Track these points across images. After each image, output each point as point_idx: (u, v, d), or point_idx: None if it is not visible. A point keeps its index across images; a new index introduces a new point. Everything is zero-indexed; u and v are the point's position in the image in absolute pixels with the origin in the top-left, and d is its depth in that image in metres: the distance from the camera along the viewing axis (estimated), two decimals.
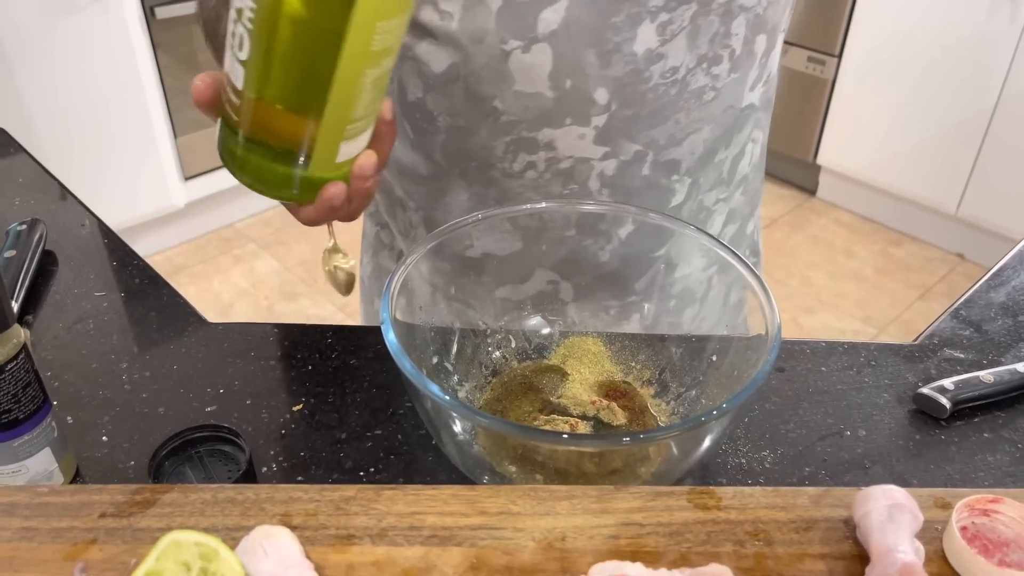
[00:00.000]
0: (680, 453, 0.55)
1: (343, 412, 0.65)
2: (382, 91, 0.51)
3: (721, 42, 0.65)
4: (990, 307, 0.78)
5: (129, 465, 0.61)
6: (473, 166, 0.71)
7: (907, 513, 0.43)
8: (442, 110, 0.68)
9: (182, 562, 0.40)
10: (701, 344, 0.67)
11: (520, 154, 0.68)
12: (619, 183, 0.70)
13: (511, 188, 0.71)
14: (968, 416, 0.66)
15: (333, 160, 0.52)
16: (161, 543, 0.40)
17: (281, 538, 0.42)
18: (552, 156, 0.68)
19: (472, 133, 0.68)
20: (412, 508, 0.46)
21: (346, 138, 0.51)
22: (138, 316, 0.75)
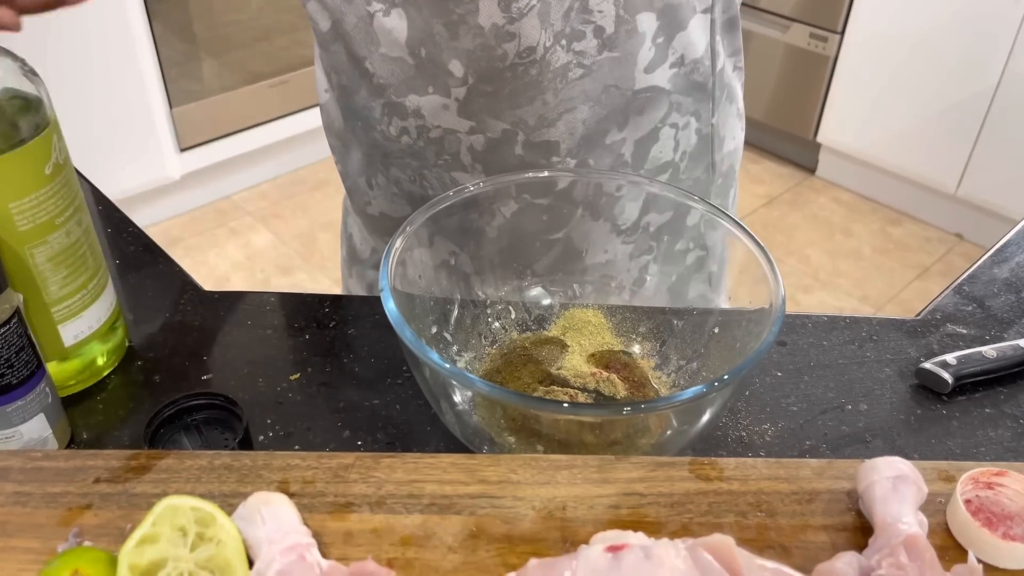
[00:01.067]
0: (680, 425, 0.54)
1: (340, 381, 0.64)
2: None
3: (579, 17, 0.62)
4: (993, 283, 0.78)
5: (125, 433, 0.60)
6: (359, 126, 0.73)
7: (911, 485, 0.43)
8: (331, 68, 0.71)
9: (178, 527, 0.39)
10: (703, 317, 0.66)
11: (394, 118, 0.69)
12: (491, 159, 0.69)
13: (392, 151, 0.72)
14: (970, 391, 0.66)
15: None
16: (157, 508, 0.40)
17: (278, 504, 0.41)
18: (422, 124, 0.69)
19: (355, 92, 0.70)
20: (411, 476, 0.46)
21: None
22: (133, 284, 0.74)
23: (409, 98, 0.67)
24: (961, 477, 0.45)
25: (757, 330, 0.55)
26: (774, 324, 0.51)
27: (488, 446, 0.55)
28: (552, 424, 0.54)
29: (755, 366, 0.49)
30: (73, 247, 0.56)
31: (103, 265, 0.61)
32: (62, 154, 0.54)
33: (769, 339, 0.50)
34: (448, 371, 0.48)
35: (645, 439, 0.55)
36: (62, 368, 0.59)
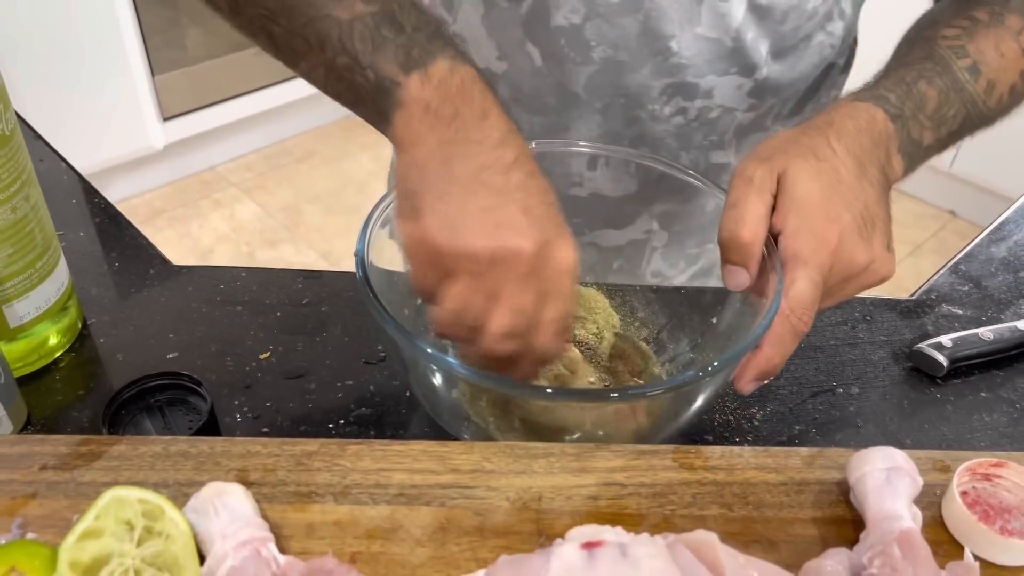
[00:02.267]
0: (670, 413, 0.52)
1: (312, 361, 0.62)
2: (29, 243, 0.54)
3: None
4: (990, 262, 0.75)
5: (84, 414, 0.57)
6: (620, 103, 0.68)
7: (906, 477, 0.41)
8: (604, 41, 0.65)
9: (124, 521, 0.37)
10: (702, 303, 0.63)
11: (676, 98, 0.67)
12: (747, 135, 0.71)
13: (652, 131, 0.69)
14: (965, 374, 0.63)
15: None
16: (101, 500, 0.37)
17: (234, 495, 0.39)
18: (706, 105, 0.68)
19: (632, 70, 0.66)
20: (378, 464, 0.43)
21: None
22: (98, 257, 0.71)
23: (707, 78, 0.66)
24: (957, 468, 0.43)
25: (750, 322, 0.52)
26: (767, 315, 0.48)
27: (467, 428, 0.52)
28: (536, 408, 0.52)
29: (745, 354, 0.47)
30: (19, 224, 0.53)
31: (54, 242, 0.58)
32: (8, 125, 0.51)
33: (758, 332, 0.47)
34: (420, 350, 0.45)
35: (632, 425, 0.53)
36: (10, 349, 0.56)
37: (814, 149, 0.50)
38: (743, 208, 0.48)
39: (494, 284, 0.42)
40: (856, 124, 0.52)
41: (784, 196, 0.49)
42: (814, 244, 0.47)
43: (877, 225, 0.50)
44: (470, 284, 0.42)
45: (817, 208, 0.48)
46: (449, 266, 0.42)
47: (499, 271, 0.41)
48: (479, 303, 0.42)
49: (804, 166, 0.49)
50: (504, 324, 0.42)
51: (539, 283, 0.42)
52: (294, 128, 2.64)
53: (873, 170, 0.52)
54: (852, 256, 0.48)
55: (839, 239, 0.48)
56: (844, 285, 0.50)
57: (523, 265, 0.41)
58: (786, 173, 0.49)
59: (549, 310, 0.43)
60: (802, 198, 0.48)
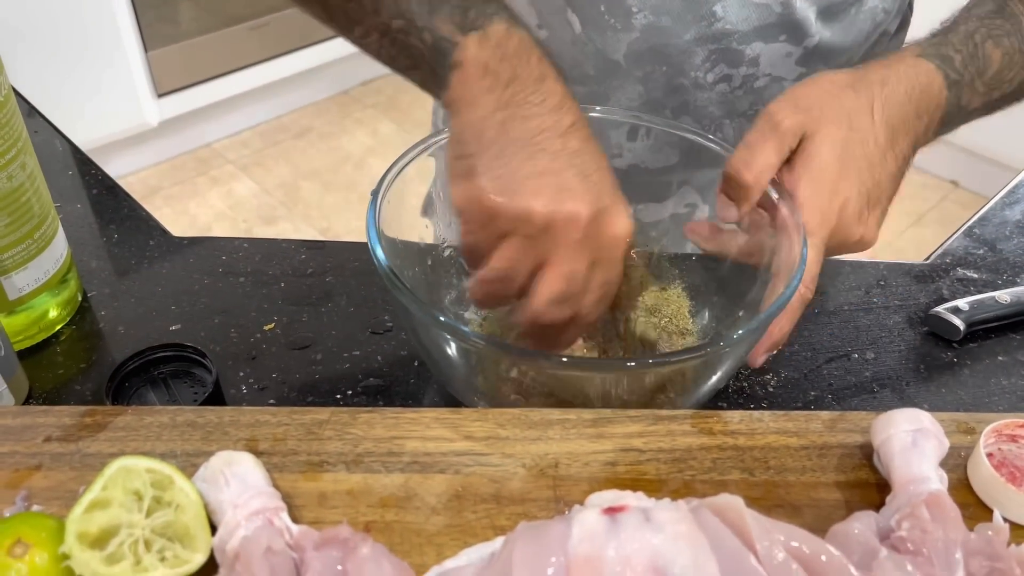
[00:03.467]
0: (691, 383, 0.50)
1: (318, 332, 0.61)
2: None
3: None
4: (1005, 225, 0.74)
5: (87, 387, 0.56)
6: (662, 71, 0.67)
7: (932, 439, 0.40)
8: (647, 6, 0.64)
9: (132, 491, 0.36)
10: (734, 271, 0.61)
11: (720, 65, 0.66)
12: None
13: (695, 100, 0.68)
14: (982, 338, 0.62)
15: None
16: (108, 469, 0.36)
17: (244, 464, 0.37)
18: (752, 73, 0.66)
19: (675, 36, 0.65)
20: (391, 432, 0.42)
21: None
22: (96, 229, 0.69)
23: (752, 45, 0.65)
24: (983, 430, 0.42)
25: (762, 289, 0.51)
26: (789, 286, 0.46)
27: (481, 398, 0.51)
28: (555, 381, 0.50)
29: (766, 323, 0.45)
30: (15, 193, 0.51)
31: (51, 212, 0.57)
32: (2, 90, 0.49)
33: (780, 302, 0.45)
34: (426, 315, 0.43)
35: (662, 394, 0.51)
36: (10, 322, 0.55)
37: (852, 115, 0.49)
38: (756, 152, 0.48)
39: (546, 248, 0.41)
40: (908, 90, 0.51)
41: (801, 159, 0.49)
42: (819, 219, 0.49)
43: (880, 202, 0.51)
44: (522, 246, 0.41)
45: (828, 183, 0.49)
46: (502, 227, 0.41)
47: (553, 235, 0.41)
48: (528, 266, 0.42)
49: (833, 134, 0.49)
50: (555, 289, 0.42)
51: (592, 250, 0.42)
52: (290, 104, 2.61)
53: (904, 143, 0.52)
54: (847, 232, 0.50)
55: (839, 217, 0.49)
56: (830, 252, 0.51)
57: (578, 231, 0.41)
58: (813, 136, 0.49)
59: (598, 276, 0.43)
60: (818, 169, 0.49)
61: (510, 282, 0.42)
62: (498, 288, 0.43)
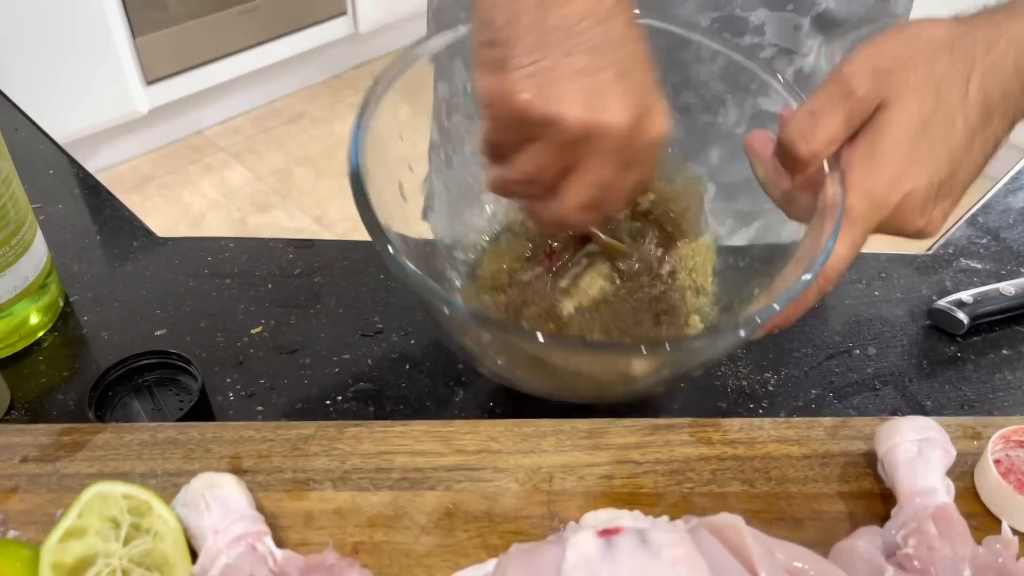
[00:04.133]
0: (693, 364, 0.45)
1: (306, 335, 0.59)
2: None
3: None
4: (1008, 213, 0.72)
5: (70, 397, 0.55)
6: (662, 44, 0.63)
7: (938, 448, 0.38)
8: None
9: (109, 518, 0.34)
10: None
11: (723, 35, 0.61)
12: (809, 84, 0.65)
13: (696, 75, 0.63)
14: (986, 331, 0.61)
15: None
16: (84, 496, 0.35)
17: (226, 487, 0.36)
18: (757, 43, 0.62)
19: (675, 5, 0.61)
20: (379, 447, 0.41)
21: None
22: (79, 230, 0.68)
23: (757, 12, 0.61)
24: (991, 436, 0.40)
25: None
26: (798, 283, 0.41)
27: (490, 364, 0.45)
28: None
29: None
30: None
31: (29, 217, 0.55)
32: None
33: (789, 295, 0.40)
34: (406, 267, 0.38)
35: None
36: None
37: (942, 85, 0.42)
38: (820, 123, 0.41)
39: (578, 155, 0.38)
40: (1018, 59, 0.43)
41: (868, 134, 0.42)
42: (870, 207, 0.42)
43: (953, 193, 0.43)
44: (552, 152, 0.38)
45: (892, 168, 0.42)
46: (532, 131, 0.38)
47: (587, 144, 0.38)
48: (557, 170, 0.39)
49: (913, 109, 0.41)
50: (583, 198, 0.39)
51: (626, 155, 0.39)
52: (282, 89, 2.58)
53: (999, 123, 0.44)
54: (904, 224, 0.43)
55: (899, 207, 0.42)
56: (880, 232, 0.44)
57: (615, 140, 0.38)
58: (888, 107, 0.41)
59: (630, 178, 0.40)
60: (885, 150, 0.42)
61: (535, 185, 0.40)
62: (522, 189, 0.40)
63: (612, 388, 0.46)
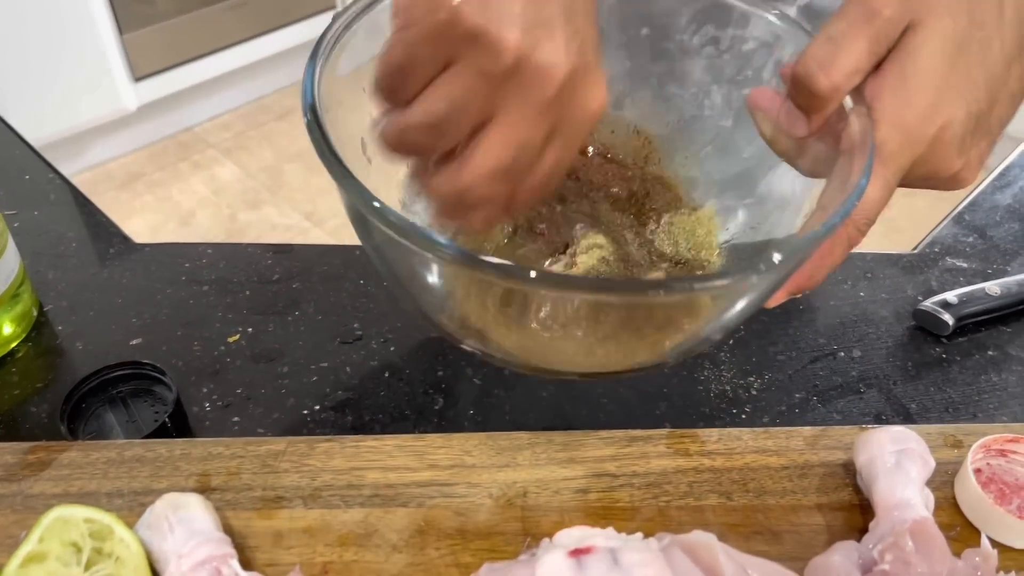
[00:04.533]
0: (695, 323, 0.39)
1: (284, 342, 0.58)
2: None
3: None
4: (995, 210, 0.72)
5: (43, 409, 0.54)
6: (644, 34, 0.61)
7: (917, 459, 0.38)
8: None
9: (70, 542, 0.33)
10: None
11: (706, 26, 0.58)
12: None
13: (681, 65, 0.61)
14: (972, 331, 0.61)
15: None
16: (44, 519, 0.34)
17: (191, 508, 0.35)
18: (739, 34, 0.58)
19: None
20: (351, 463, 0.40)
21: None
22: (55, 237, 0.67)
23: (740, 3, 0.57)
24: (971, 445, 0.40)
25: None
26: (830, 218, 0.35)
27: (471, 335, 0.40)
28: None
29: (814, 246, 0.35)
30: None
31: (0, 226, 0.54)
32: None
33: (817, 234, 0.34)
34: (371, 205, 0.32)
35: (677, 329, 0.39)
36: None
37: (974, 5, 0.37)
38: (842, 50, 0.36)
39: (503, 98, 0.31)
40: None
41: (896, 59, 0.37)
42: (904, 140, 0.37)
43: (991, 132, 0.39)
44: (473, 84, 0.31)
45: (926, 95, 0.36)
46: (452, 49, 0.31)
47: (517, 83, 0.31)
48: (474, 114, 0.32)
49: (944, 28, 0.36)
50: (501, 158, 0.32)
51: (556, 117, 0.33)
52: (272, 84, 2.57)
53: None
54: (941, 164, 0.38)
55: (934, 141, 0.37)
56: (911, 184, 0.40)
57: (549, 87, 0.31)
58: (918, 28, 0.36)
59: (553, 153, 0.34)
60: (916, 75, 0.36)
61: (445, 131, 0.32)
62: (422, 140, 0.33)
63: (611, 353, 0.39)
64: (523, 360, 0.38)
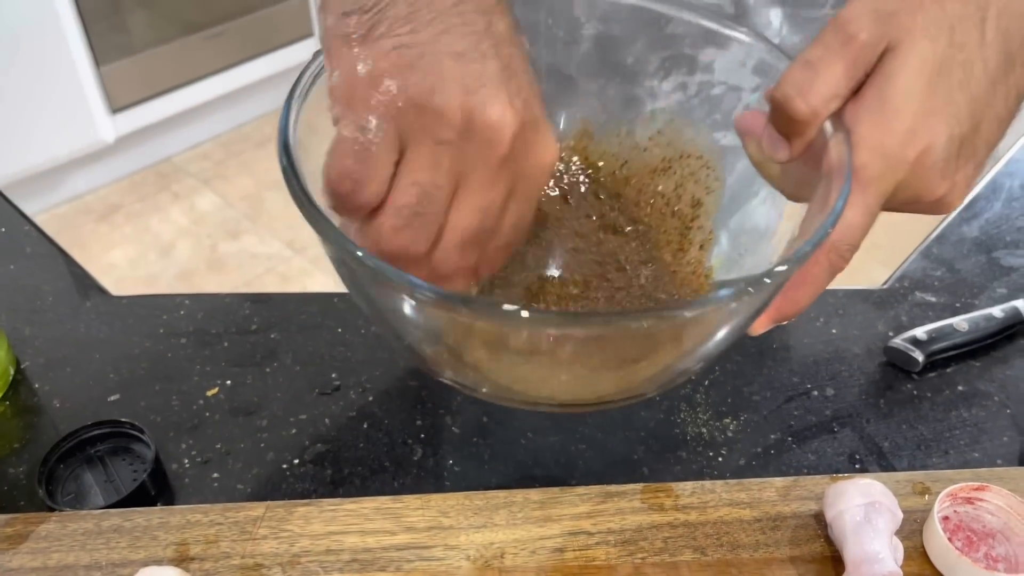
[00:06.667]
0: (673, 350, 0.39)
1: (263, 395, 0.59)
2: None
3: None
4: (963, 243, 0.73)
5: (21, 470, 0.54)
6: (616, 82, 0.62)
7: (885, 512, 0.39)
8: (595, 16, 0.58)
9: None
10: None
11: (673, 72, 0.59)
12: None
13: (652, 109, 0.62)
14: (941, 366, 0.62)
15: None
16: None
17: None
18: (707, 80, 0.59)
19: (627, 43, 0.59)
20: (329, 528, 0.41)
21: None
22: (31, 292, 0.67)
23: (706, 51, 0.57)
24: (938, 493, 0.41)
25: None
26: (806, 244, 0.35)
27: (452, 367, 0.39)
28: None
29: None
30: None
31: None
32: None
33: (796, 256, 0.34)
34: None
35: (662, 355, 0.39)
36: None
37: (955, 25, 0.37)
38: (819, 75, 0.36)
39: (462, 164, 0.31)
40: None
41: (875, 84, 0.37)
42: (884, 165, 0.36)
43: (977, 154, 0.38)
44: (436, 156, 0.31)
45: (909, 117, 0.36)
46: (403, 124, 0.31)
47: (471, 146, 0.31)
48: (447, 187, 0.31)
49: (923, 50, 0.36)
50: (471, 225, 0.32)
51: (511, 176, 0.33)
52: (250, 112, 2.57)
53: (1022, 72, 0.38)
54: (923, 186, 0.37)
55: (916, 165, 0.36)
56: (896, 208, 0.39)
57: (502, 144, 0.31)
58: (896, 51, 0.36)
59: (514, 210, 0.34)
60: (895, 99, 0.36)
61: (427, 219, 0.32)
62: (411, 233, 0.32)
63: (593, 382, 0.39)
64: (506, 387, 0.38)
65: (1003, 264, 0.71)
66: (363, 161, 0.31)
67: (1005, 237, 0.74)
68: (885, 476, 0.41)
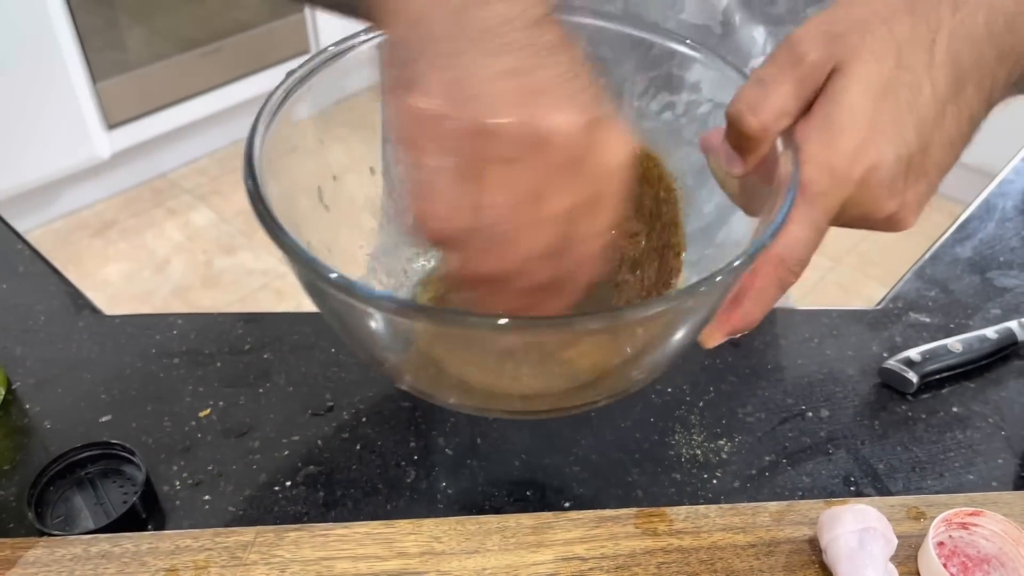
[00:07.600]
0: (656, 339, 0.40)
1: (255, 416, 0.58)
2: None
3: None
4: (956, 263, 0.73)
5: (10, 492, 0.53)
6: None
7: (879, 538, 0.38)
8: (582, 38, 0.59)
9: None
10: None
11: (661, 92, 0.59)
12: None
13: (641, 128, 0.62)
14: (936, 387, 0.62)
15: None
16: None
17: None
18: (694, 99, 0.59)
19: (617, 64, 0.59)
20: (320, 553, 0.40)
21: None
22: (23, 311, 0.66)
23: (693, 69, 0.57)
24: (933, 518, 0.40)
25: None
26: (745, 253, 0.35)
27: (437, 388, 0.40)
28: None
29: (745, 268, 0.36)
30: None
31: None
32: None
33: (729, 267, 0.34)
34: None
35: None
36: None
37: (903, 48, 0.37)
38: (768, 93, 0.37)
39: (531, 177, 0.31)
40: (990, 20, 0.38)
41: (823, 103, 0.38)
42: (830, 181, 0.37)
43: (927, 174, 0.38)
44: (508, 175, 0.31)
45: (854, 136, 0.37)
46: (472, 153, 0.30)
47: (534, 157, 0.30)
48: (522, 205, 0.31)
49: (870, 72, 0.37)
50: (544, 238, 0.31)
51: (584, 180, 0.32)
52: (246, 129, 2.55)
53: (973, 95, 0.39)
54: (871, 204, 0.38)
55: (864, 183, 0.37)
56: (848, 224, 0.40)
57: (566, 150, 0.31)
58: (843, 71, 0.37)
59: (595, 221, 0.33)
60: (841, 117, 0.37)
61: (510, 231, 0.31)
62: (500, 243, 0.31)
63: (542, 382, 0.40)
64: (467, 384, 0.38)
65: (997, 285, 0.71)
66: (440, 201, 0.31)
67: (999, 257, 0.74)
68: (879, 501, 0.41)
